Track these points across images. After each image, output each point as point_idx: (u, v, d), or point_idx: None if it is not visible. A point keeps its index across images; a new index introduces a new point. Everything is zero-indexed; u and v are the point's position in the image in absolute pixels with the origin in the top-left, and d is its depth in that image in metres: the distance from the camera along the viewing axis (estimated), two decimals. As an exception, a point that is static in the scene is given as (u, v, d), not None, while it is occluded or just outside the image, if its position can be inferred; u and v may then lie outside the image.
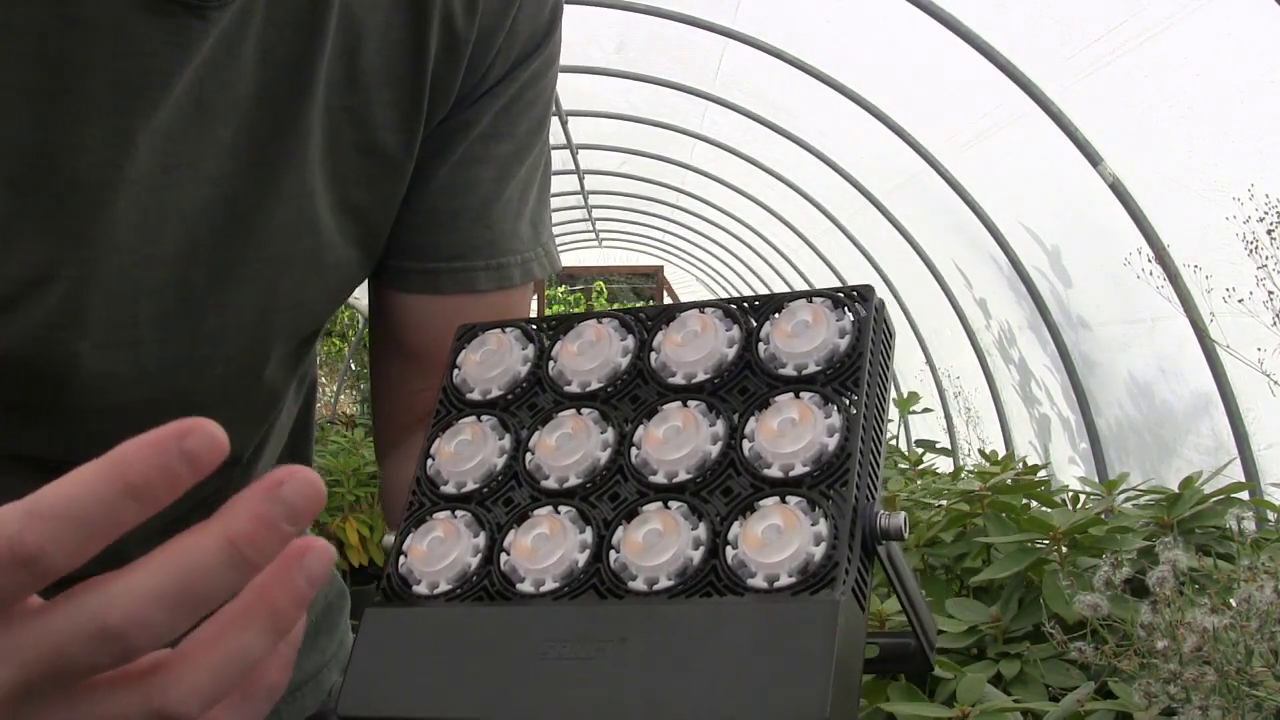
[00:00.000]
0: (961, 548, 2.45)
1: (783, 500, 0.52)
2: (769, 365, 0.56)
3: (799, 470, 0.52)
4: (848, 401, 0.54)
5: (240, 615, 0.38)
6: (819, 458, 0.52)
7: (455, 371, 0.63)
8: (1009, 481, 2.57)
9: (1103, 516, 2.46)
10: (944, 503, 2.73)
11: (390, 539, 0.58)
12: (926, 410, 5.83)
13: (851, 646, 0.48)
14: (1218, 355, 3.41)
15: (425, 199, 0.80)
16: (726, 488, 0.53)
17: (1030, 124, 4.01)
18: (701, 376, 0.57)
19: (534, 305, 13.79)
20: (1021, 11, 3.83)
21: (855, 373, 0.54)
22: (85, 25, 0.60)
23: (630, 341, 0.60)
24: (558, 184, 9.58)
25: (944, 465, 5.35)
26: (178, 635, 0.38)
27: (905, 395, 5.08)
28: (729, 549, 0.51)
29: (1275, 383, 2.85)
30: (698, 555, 0.52)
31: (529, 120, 0.82)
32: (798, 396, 0.54)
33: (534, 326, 0.63)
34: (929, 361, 6.27)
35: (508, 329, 0.63)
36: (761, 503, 0.52)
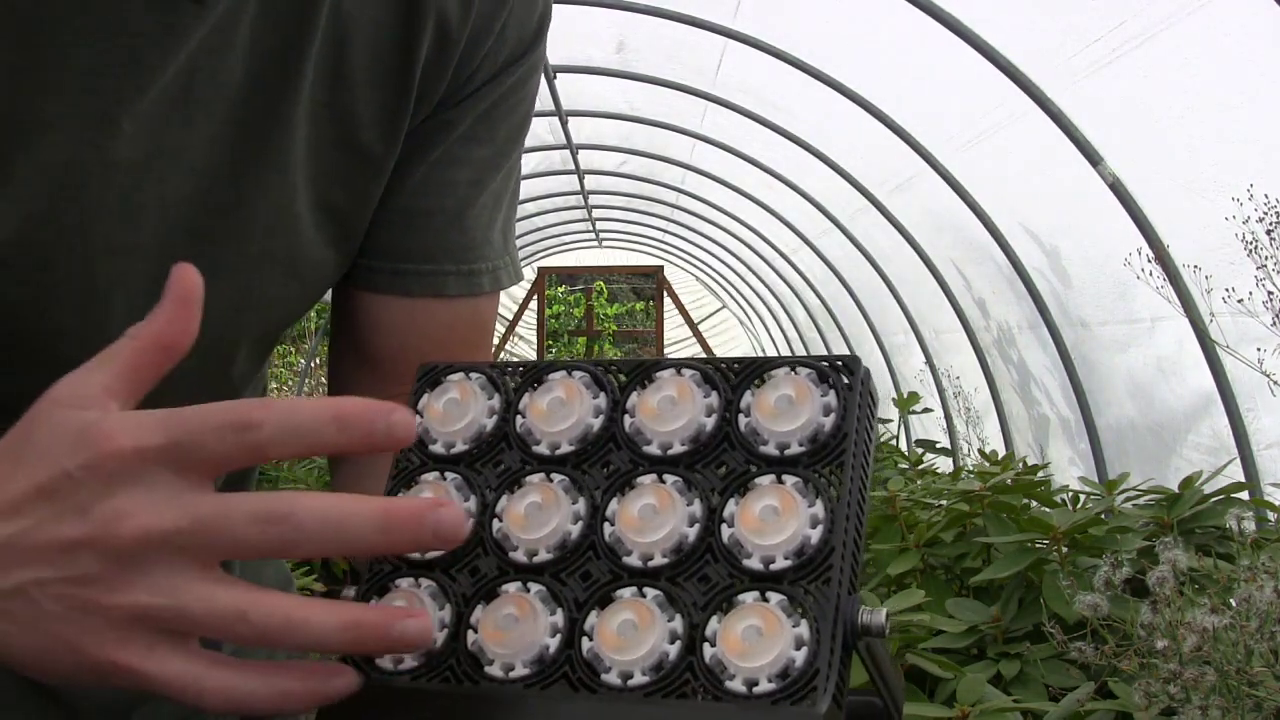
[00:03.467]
0: (961, 548, 2.45)
1: (763, 596, 0.50)
2: (750, 440, 0.54)
3: (780, 564, 0.50)
4: (832, 490, 0.52)
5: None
6: (801, 550, 0.50)
7: (417, 419, 0.59)
8: (1009, 481, 2.57)
9: (1103, 516, 2.46)
10: (944, 503, 2.73)
11: (350, 593, 0.56)
12: (926, 410, 5.83)
13: None
14: (1218, 355, 3.41)
15: (399, 197, 0.78)
16: (704, 575, 0.52)
17: (1030, 124, 4.01)
18: (678, 448, 0.55)
19: (534, 305, 13.70)
20: (1021, 11, 3.83)
21: (840, 455, 0.52)
22: (67, 3, 0.59)
23: (602, 400, 0.57)
24: (558, 184, 9.59)
25: (944, 465, 5.35)
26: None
27: (905, 395, 5.08)
28: (707, 646, 0.49)
29: (1275, 383, 2.85)
30: (674, 650, 0.50)
31: (509, 126, 0.81)
32: (780, 480, 0.52)
33: (499, 373, 0.60)
34: (929, 361, 6.27)
35: (472, 375, 0.60)
36: (740, 598, 0.50)
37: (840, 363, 0.54)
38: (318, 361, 9.70)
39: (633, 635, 0.50)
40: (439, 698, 0.52)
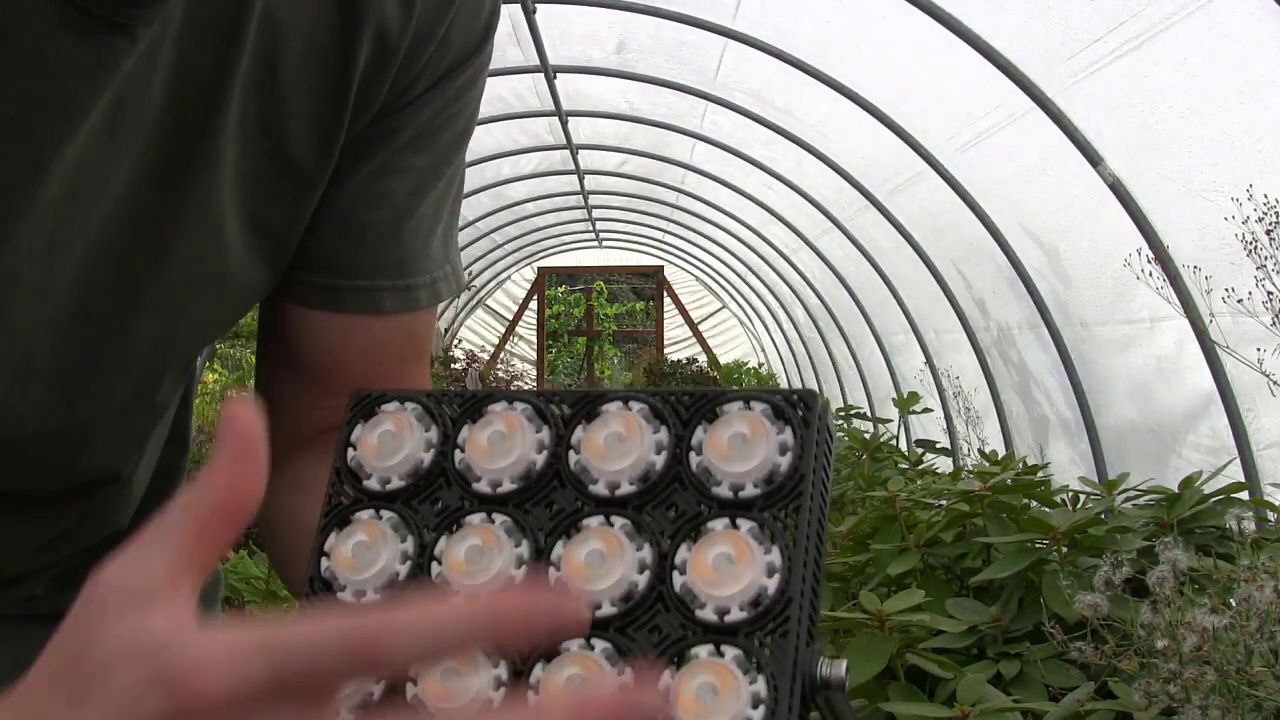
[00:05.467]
0: (961, 548, 2.45)
1: (718, 650, 0.48)
2: (702, 480, 0.51)
3: (735, 615, 0.48)
4: (789, 535, 0.49)
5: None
6: (757, 601, 0.48)
7: (350, 451, 0.57)
8: (1009, 481, 2.58)
9: (1103, 516, 2.46)
10: (944, 503, 2.73)
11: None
12: (926, 410, 5.83)
13: None
14: (1218, 355, 3.41)
15: (333, 209, 0.74)
16: (655, 625, 0.49)
17: (1030, 124, 4.01)
18: (627, 488, 0.52)
19: (534, 306, 13.64)
20: (1021, 11, 3.83)
21: (797, 498, 0.50)
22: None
23: (545, 434, 0.54)
24: (558, 184, 9.59)
25: (944, 465, 5.35)
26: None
27: (905, 395, 5.08)
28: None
29: (1275, 383, 2.85)
30: None
31: (452, 132, 0.77)
32: (734, 524, 0.50)
33: (434, 402, 0.57)
34: (929, 361, 6.27)
35: (408, 405, 0.57)
36: (694, 651, 0.48)
37: (797, 397, 0.52)
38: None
39: (580, 688, 0.48)
40: None
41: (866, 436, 4.93)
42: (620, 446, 0.53)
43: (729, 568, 0.49)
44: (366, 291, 0.76)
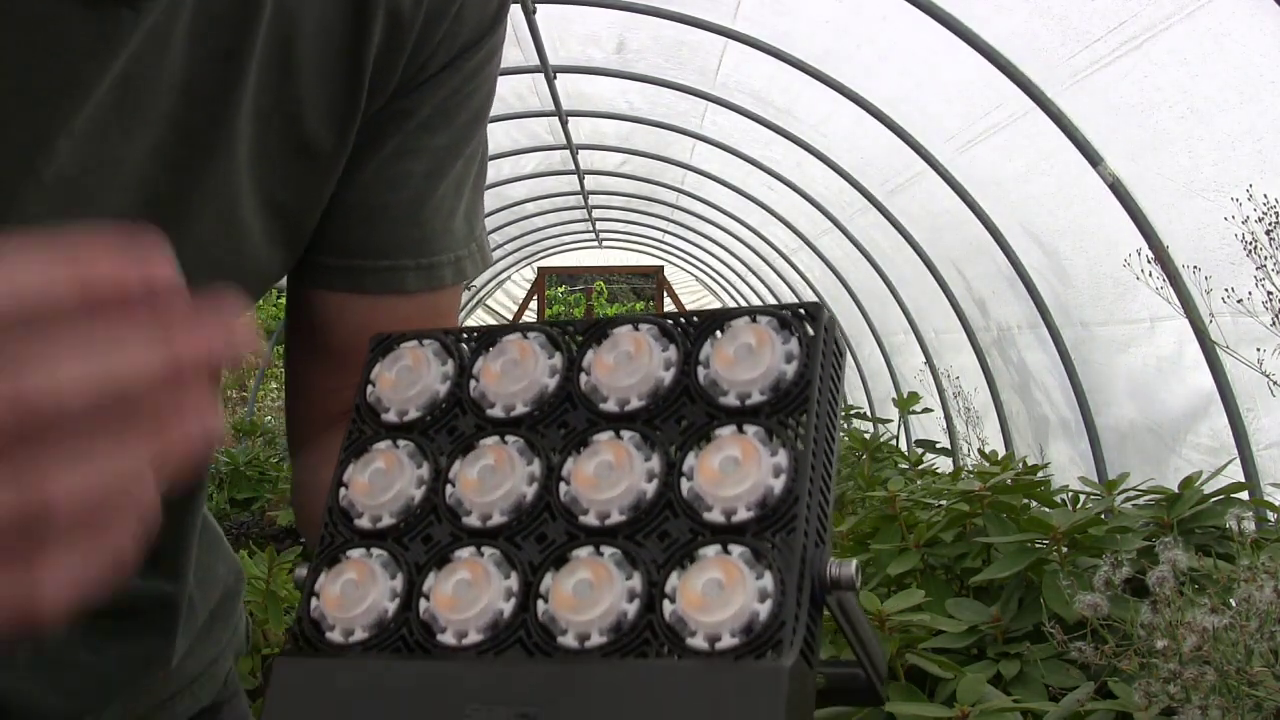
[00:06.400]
0: (961, 548, 2.45)
1: (725, 549, 0.48)
2: (709, 392, 0.51)
3: (742, 515, 0.48)
4: (794, 437, 0.49)
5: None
6: (764, 501, 0.48)
7: (369, 388, 0.58)
8: (1009, 481, 2.57)
9: (1103, 516, 2.46)
10: (944, 503, 2.73)
11: (302, 572, 0.55)
12: (926, 410, 5.83)
13: (801, 711, 0.45)
14: (1217, 356, 3.41)
15: (353, 191, 0.74)
16: (663, 531, 0.49)
17: (1030, 124, 4.01)
18: (636, 403, 0.52)
19: (534, 306, 13.66)
20: (1021, 11, 3.83)
21: (803, 403, 0.50)
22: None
23: (558, 360, 0.55)
24: (558, 184, 9.59)
25: (944, 465, 5.35)
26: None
27: (905, 395, 5.08)
28: (667, 603, 0.47)
29: (1275, 383, 2.85)
30: (633, 609, 0.48)
31: (468, 111, 0.77)
32: (741, 430, 0.50)
33: (453, 339, 0.58)
34: (929, 361, 6.27)
35: (425, 341, 0.58)
36: (701, 552, 0.48)
37: (803, 310, 0.52)
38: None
39: (589, 594, 0.48)
40: (390, 668, 0.50)
41: (866, 436, 4.93)
42: (630, 364, 0.53)
43: (735, 469, 0.49)
44: (389, 271, 0.76)
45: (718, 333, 0.53)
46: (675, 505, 0.50)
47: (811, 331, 0.51)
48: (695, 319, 0.54)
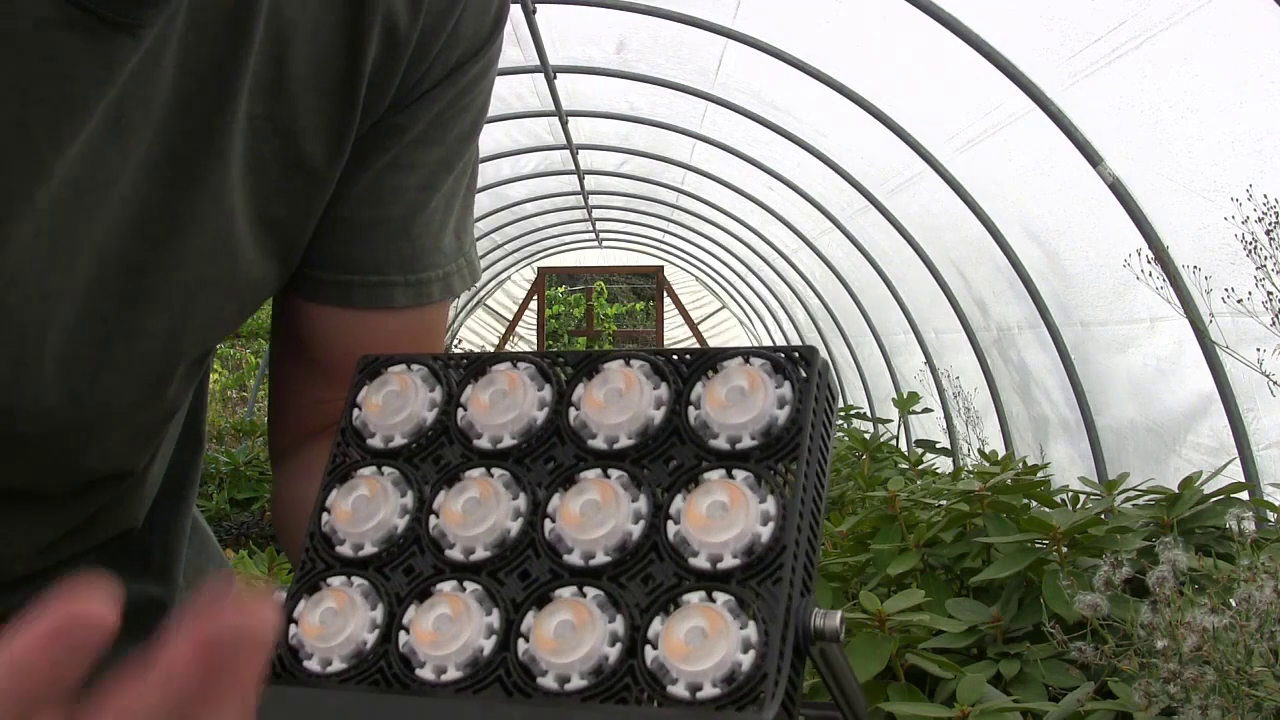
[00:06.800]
0: (961, 548, 2.45)
1: (709, 597, 0.47)
2: (699, 434, 0.51)
3: (728, 562, 0.48)
4: (784, 482, 0.49)
5: None
6: (751, 549, 0.47)
7: (355, 411, 0.57)
8: (1009, 481, 2.57)
9: (1103, 516, 2.46)
10: (944, 503, 2.73)
11: (281, 595, 0.54)
12: (926, 410, 5.83)
13: None
14: (1217, 355, 3.41)
15: (344, 206, 0.73)
16: (648, 574, 0.49)
17: (1030, 124, 4.01)
18: (625, 441, 0.52)
19: (534, 305, 13.63)
20: (1021, 11, 3.83)
21: (794, 450, 0.49)
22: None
23: (547, 392, 0.54)
24: (558, 184, 9.59)
25: (944, 465, 5.35)
26: None
27: (905, 395, 5.08)
28: (649, 649, 0.47)
29: (1275, 383, 2.85)
30: (614, 653, 0.47)
31: (461, 126, 0.76)
32: (730, 475, 0.49)
33: (441, 365, 0.57)
34: (929, 361, 6.27)
35: (413, 366, 0.57)
36: (686, 598, 0.47)
37: (797, 354, 0.52)
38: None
39: (570, 636, 0.48)
40: (367, 701, 0.50)
41: (866, 436, 4.93)
42: (620, 402, 0.53)
43: (723, 515, 0.48)
44: (378, 286, 0.76)
45: (710, 373, 0.52)
46: (661, 548, 0.49)
47: (805, 376, 0.51)
48: (688, 357, 0.53)
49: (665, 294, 14.46)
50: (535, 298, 14.41)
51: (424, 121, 0.74)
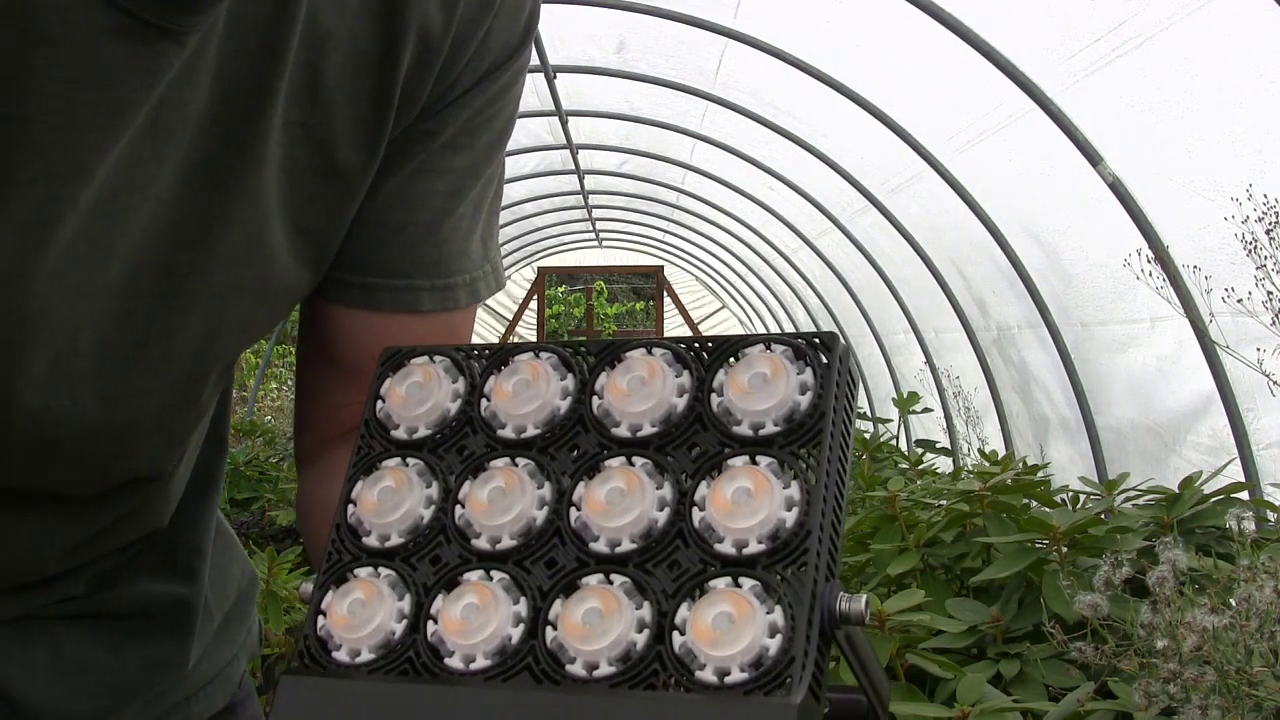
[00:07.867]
0: (961, 548, 2.45)
1: (735, 582, 0.47)
2: (723, 421, 0.51)
3: (754, 548, 0.48)
4: (807, 468, 0.49)
5: None
6: (776, 534, 0.48)
7: (379, 403, 0.58)
8: (1009, 481, 2.57)
9: (1103, 516, 2.46)
10: (944, 503, 2.73)
11: (308, 588, 0.54)
12: (926, 410, 5.83)
13: None
14: (1217, 355, 3.41)
15: (372, 209, 0.74)
16: (673, 561, 0.49)
17: (1030, 124, 4.02)
18: (648, 429, 0.52)
19: (534, 305, 13.65)
20: (1021, 11, 3.83)
21: (817, 436, 0.50)
22: (47, 49, 0.54)
23: (570, 382, 0.55)
24: (558, 184, 9.59)
25: (944, 465, 5.35)
26: None
27: (905, 395, 5.08)
28: (676, 635, 0.47)
29: (1275, 383, 2.85)
30: (641, 640, 0.48)
31: (490, 133, 0.77)
32: (754, 461, 0.50)
33: (464, 356, 0.57)
34: (929, 361, 6.27)
35: (436, 358, 0.58)
36: (712, 584, 0.48)
37: (818, 340, 0.52)
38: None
39: (598, 623, 0.48)
40: (397, 691, 0.50)
41: (866, 436, 4.93)
42: (643, 390, 0.53)
43: (747, 501, 0.49)
44: (404, 291, 0.76)
45: (731, 360, 0.53)
46: (686, 535, 0.50)
47: (826, 362, 0.51)
48: (709, 344, 0.53)
49: (665, 294, 14.46)
50: (535, 297, 14.41)
51: (453, 128, 0.75)
